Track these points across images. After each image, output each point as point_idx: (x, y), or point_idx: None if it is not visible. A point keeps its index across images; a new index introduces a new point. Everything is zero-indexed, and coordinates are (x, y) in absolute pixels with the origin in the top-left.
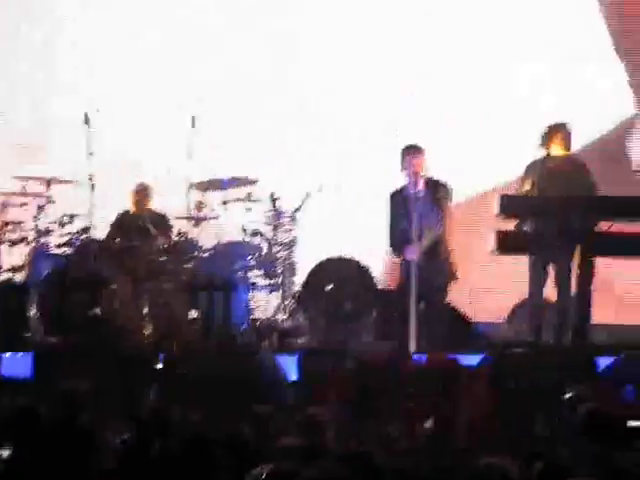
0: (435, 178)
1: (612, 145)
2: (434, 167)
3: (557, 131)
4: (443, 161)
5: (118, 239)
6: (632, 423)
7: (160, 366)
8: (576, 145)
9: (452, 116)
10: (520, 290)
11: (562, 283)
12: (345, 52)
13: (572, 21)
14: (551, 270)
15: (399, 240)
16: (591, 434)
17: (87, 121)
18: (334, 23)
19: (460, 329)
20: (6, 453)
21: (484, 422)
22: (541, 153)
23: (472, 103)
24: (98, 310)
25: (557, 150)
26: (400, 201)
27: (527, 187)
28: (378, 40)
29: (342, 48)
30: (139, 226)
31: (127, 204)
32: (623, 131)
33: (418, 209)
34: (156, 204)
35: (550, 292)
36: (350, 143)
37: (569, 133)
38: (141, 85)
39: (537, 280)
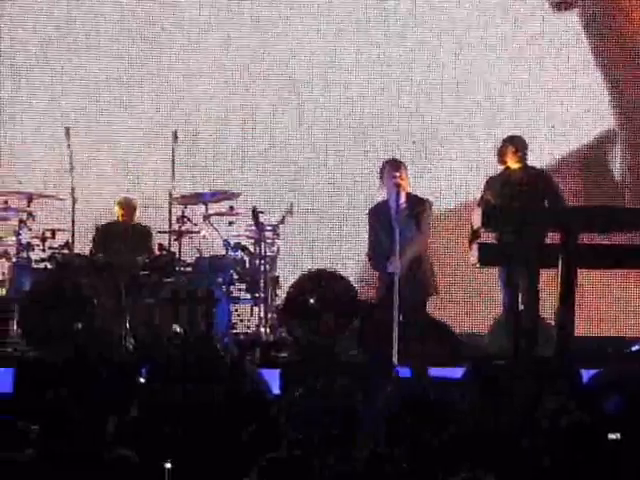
0: (415, 193)
1: (593, 156)
2: (414, 182)
3: (510, 144)
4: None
5: (100, 254)
6: (612, 436)
7: (142, 380)
8: (557, 155)
9: (432, 126)
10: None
11: (532, 295)
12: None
13: (553, 35)
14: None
15: (380, 253)
16: (573, 446)
17: (68, 135)
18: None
19: (442, 342)
20: None
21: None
22: (501, 168)
23: (455, 112)
24: (80, 325)
25: (512, 163)
26: (381, 214)
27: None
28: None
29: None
30: (121, 240)
31: (109, 218)
32: (604, 143)
33: (399, 223)
34: (139, 218)
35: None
36: (330, 156)
37: (523, 145)
38: (121, 98)
39: (514, 292)
